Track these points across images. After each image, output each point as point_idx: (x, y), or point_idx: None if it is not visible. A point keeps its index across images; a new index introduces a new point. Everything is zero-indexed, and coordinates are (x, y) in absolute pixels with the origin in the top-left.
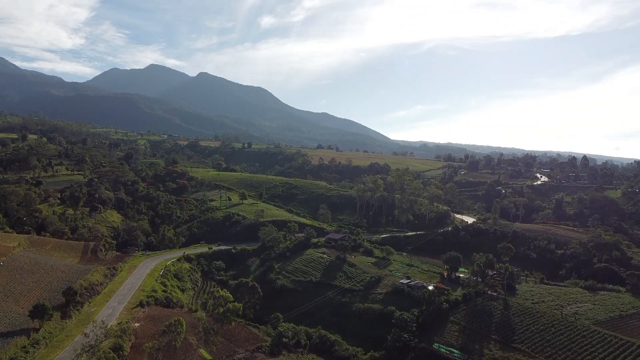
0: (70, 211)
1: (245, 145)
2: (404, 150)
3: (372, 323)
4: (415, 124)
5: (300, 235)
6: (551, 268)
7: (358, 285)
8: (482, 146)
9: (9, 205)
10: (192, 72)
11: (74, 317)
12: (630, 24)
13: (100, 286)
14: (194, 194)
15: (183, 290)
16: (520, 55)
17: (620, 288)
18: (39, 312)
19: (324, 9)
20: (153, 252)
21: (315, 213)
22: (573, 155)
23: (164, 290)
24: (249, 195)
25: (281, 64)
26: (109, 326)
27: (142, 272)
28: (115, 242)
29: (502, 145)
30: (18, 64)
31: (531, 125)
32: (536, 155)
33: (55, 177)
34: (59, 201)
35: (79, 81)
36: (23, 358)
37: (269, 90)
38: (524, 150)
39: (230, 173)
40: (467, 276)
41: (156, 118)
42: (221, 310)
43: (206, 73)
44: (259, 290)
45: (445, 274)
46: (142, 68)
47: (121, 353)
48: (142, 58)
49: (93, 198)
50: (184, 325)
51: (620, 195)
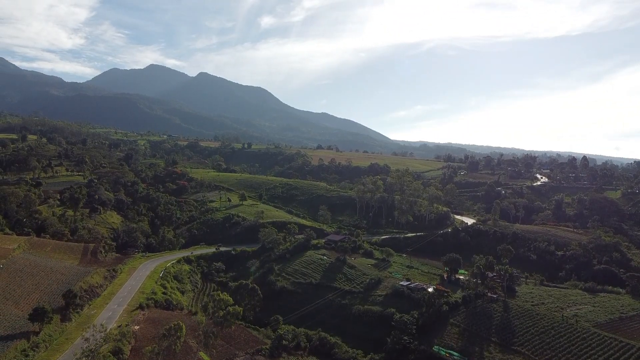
0: (70, 212)
1: (245, 145)
2: (404, 150)
3: (372, 325)
4: (415, 124)
5: (300, 236)
6: (551, 269)
7: (358, 287)
8: (482, 146)
9: (9, 206)
10: (192, 72)
11: (73, 320)
12: (630, 24)
13: (100, 288)
14: (194, 194)
15: (183, 292)
16: (520, 55)
17: (620, 290)
18: (38, 315)
19: (323, 9)
20: (153, 254)
21: (315, 214)
22: (573, 155)
23: (163, 293)
24: (248, 196)
25: (281, 64)
26: (108, 329)
27: (142, 274)
28: (115, 244)
29: (502, 145)
30: (18, 64)
31: (531, 125)
32: (536, 155)
33: (55, 178)
34: (58, 202)
35: (78, 81)
36: None
37: (269, 91)
38: (523, 150)
39: (230, 174)
40: (467, 278)
41: (156, 118)
42: (221, 313)
43: (206, 73)
44: (259, 292)
45: (445, 275)
46: (142, 68)
47: (121, 356)
48: (142, 58)
49: (93, 199)
50: (184, 329)
51: (620, 196)
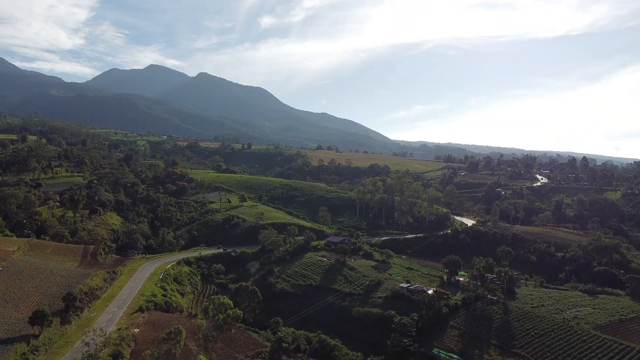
0: (70, 214)
1: (245, 146)
2: (404, 150)
3: (372, 327)
4: (415, 124)
5: (300, 238)
6: (551, 271)
7: (358, 289)
8: (482, 146)
9: (9, 208)
10: (192, 73)
11: (73, 323)
12: (630, 24)
13: (99, 291)
14: (194, 195)
15: (183, 294)
16: (520, 55)
17: (620, 292)
18: (38, 319)
19: (323, 9)
20: (153, 255)
21: (315, 215)
22: (573, 155)
23: (163, 295)
24: (248, 197)
25: (281, 64)
26: (108, 332)
27: (142, 276)
28: (115, 246)
29: (502, 146)
30: (17, 64)
31: (531, 125)
32: (536, 155)
33: (55, 179)
34: (58, 204)
35: (78, 81)
36: None
37: (269, 91)
38: (523, 150)
39: (230, 175)
40: (467, 280)
41: (156, 118)
42: (222, 317)
43: (206, 73)
44: (259, 294)
45: (445, 277)
46: (142, 68)
47: None
48: (142, 58)
49: (93, 200)
50: (184, 334)
51: (620, 197)
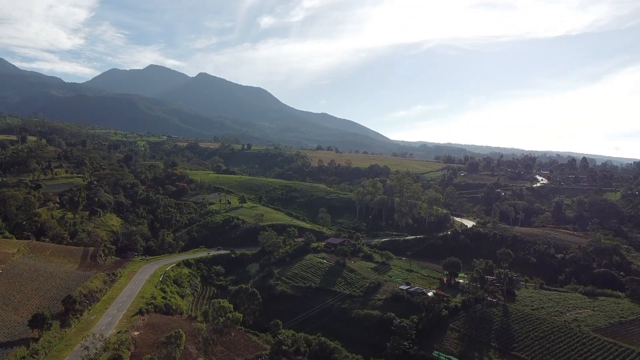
0: (69, 215)
1: (245, 146)
2: (404, 150)
3: (372, 330)
4: (415, 124)
5: (299, 239)
6: (551, 273)
7: (357, 291)
8: (482, 146)
9: (8, 209)
10: (192, 73)
11: (73, 326)
12: (630, 24)
13: (99, 293)
14: (194, 197)
15: (182, 296)
16: (520, 55)
17: (620, 293)
18: (38, 322)
19: (323, 9)
20: (152, 257)
21: (314, 216)
22: (573, 156)
23: (163, 297)
24: (248, 198)
25: (281, 64)
26: (108, 335)
27: (142, 278)
28: (114, 247)
29: (502, 146)
30: (17, 64)
31: (531, 125)
32: (536, 156)
33: (54, 180)
34: (58, 205)
35: (78, 82)
36: None
37: (269, 91)
38: (523, 150)
39: (230, 176)
40: (467, 282)
41: (156, 119)
42: (221, 320)
43: (206, 73)
44: (259, 296)
45: (444, 279)
46: (142, 68)
47: None
48: (142, 58)
49: (92, 201)
50: (184, 337)
51: (620, 198)
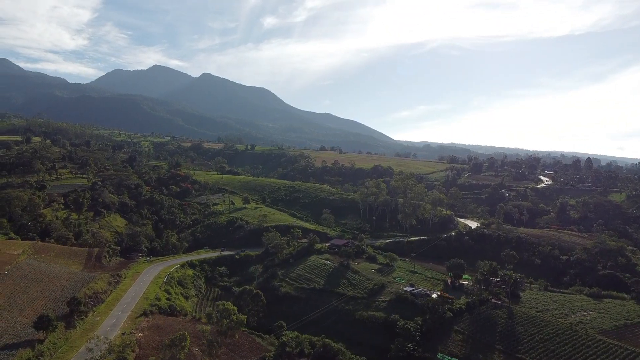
0: (74, 216)
1: (248, 147)
2: (407, 150)
3: (376, 331)
4: (418, 124)
5: (303, 241)
6: (555, 274)
7: (361, 292)
8: (486, 146)
9: (13, 210)
10: (195, 73)
11: (78, 327)
12: (633, 23)
13: (104, 294)
14: (197, 197)
15: (187, 298)
16: (523, 55)
17: (625, 295)
18: (43, 323)
19: (325, 9)
20: (157, 258)
21: (318, 217)
22: (577, 156)
23: (167, 298)
24: (252, 199)
25: (284, 64)
26: (112, 337)
27: (146, 279)
28: (119, 248)
29: (506, 146)
30: (22, 65)
31: (534, 125)
32: (540, 156)
33: (59, 181)
34: (62, 206)
35: (82, 82)
36: None
37: (272, 91)
38: (527, 150)
39: (234, 176)
40: (471, 284)
41: (159, 119)
42: (225, 322)
43: (209, 74)
44: (263, 297)
45: (449, 281)
46: (145, 69)
47: None
48: (145, 59)
49: (97, 202)
50: (188, 340)
51: (625, 199)
